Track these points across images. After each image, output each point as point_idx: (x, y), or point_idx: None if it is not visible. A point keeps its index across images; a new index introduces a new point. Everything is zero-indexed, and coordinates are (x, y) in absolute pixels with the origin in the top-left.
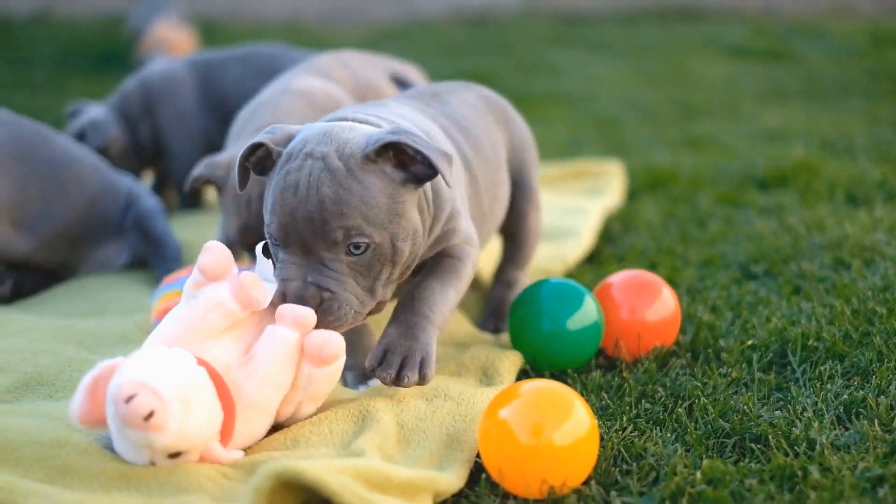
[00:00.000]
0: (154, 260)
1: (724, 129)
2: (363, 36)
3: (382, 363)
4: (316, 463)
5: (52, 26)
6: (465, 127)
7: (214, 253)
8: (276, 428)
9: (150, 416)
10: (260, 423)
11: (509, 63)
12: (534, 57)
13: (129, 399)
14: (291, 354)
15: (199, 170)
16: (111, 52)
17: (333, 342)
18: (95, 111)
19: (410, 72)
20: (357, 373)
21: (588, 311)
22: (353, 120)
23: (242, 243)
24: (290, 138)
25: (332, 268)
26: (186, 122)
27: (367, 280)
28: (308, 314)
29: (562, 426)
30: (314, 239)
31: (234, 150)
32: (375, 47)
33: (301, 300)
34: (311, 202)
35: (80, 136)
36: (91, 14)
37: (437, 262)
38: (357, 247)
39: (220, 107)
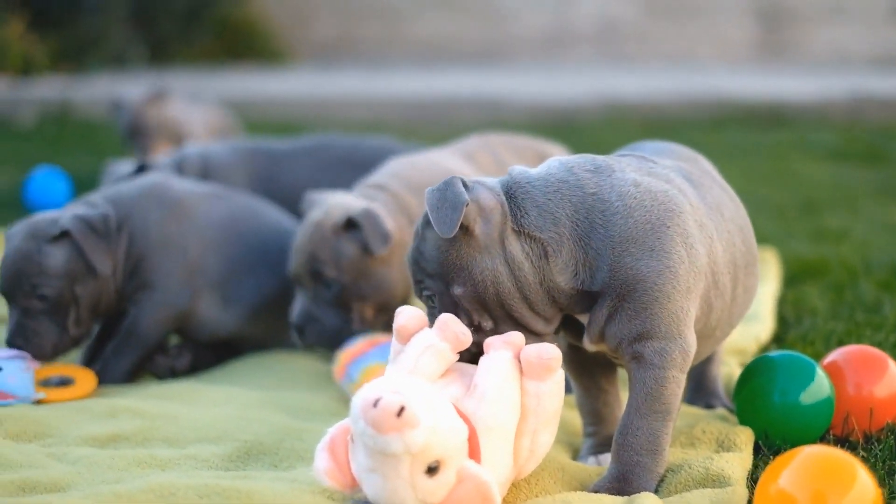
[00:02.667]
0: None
1: (852, 223)
2: (445, 140)
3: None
4: None
5: None
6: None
7: (408, 314)
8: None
9: (401, 411)
10: (504, 453)
11: None
12: None
13: (375, 403)
14: (513, 371)
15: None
16: None
17: (550, 349)
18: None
19: (556, 151)
20: (595, 442)
21: (821, 385)
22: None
23: None
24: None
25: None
26: None
27: None
28: (517, 335)
29: (846, 495)
30: None
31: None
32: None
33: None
34: None
35: None
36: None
37: (633, 381)
38: None
39: (283, 201)
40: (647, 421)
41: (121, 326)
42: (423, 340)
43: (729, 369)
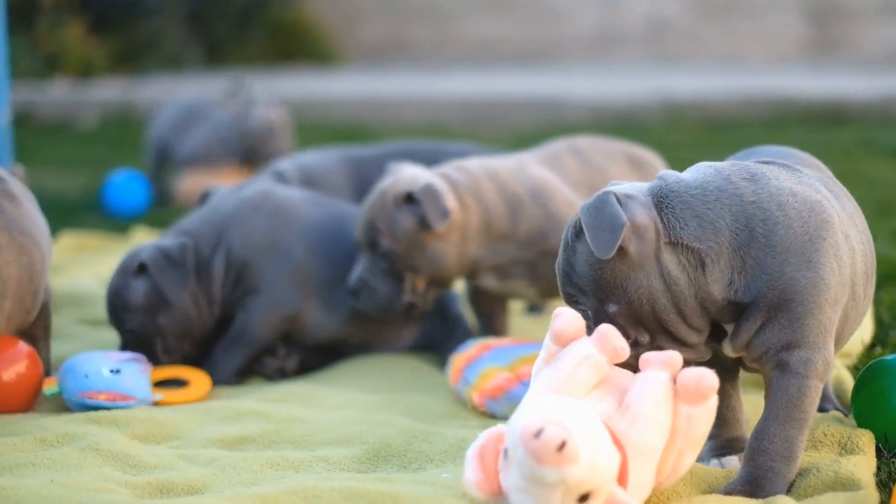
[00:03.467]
0: (445, 339)
1: None
2: (505, 140)
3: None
4: None
5: None
6: None
7: (566, 318)
8: None
9: (562, 446)
10: (648, 473)
11: (669, 166)
12: (692, 160)
13: (538, 434)
14: (668, 395)
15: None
16: None
17: (709, 376)
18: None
19: (648, 156)
20: (717, 443)
21: None
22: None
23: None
24: None
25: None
26: None
27: None
28: (675, 355)
29: None
30: None
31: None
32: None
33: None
34: None
35: None
36: None
37: (774, 389)
38: None
39: None
40: (785, 428)
41: (230, 329)
42: (580, 351)
43: (837, 372)
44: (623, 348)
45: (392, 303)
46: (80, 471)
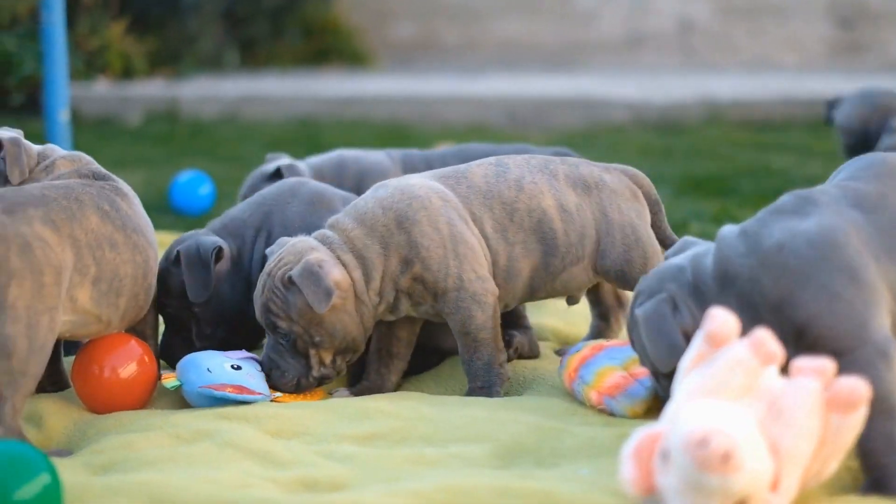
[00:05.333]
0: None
1: None
2: (546, 140)
3: None
4: None
5: (237, 127)
6: None
7: (721, 319)
8: None
9: (728, 456)
10: (795, 479)
11: (715, 166)
12: (736, 160)
13: (704, 442)
14: (819, 402)
15: None
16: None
17: (861, 385)
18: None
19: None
20: None
21: None
22: None
23: None
24: None
25: None
26: None
27: None
28: (829, 364)
29: None
30: None
31: None
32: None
33: None
34: None
35: None
36: (272, 116)
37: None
38: None
39: None
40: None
41: None
42: (735, 355)
43: None
44: (777, 354)
45: (301, 380)
46: (221, 467)
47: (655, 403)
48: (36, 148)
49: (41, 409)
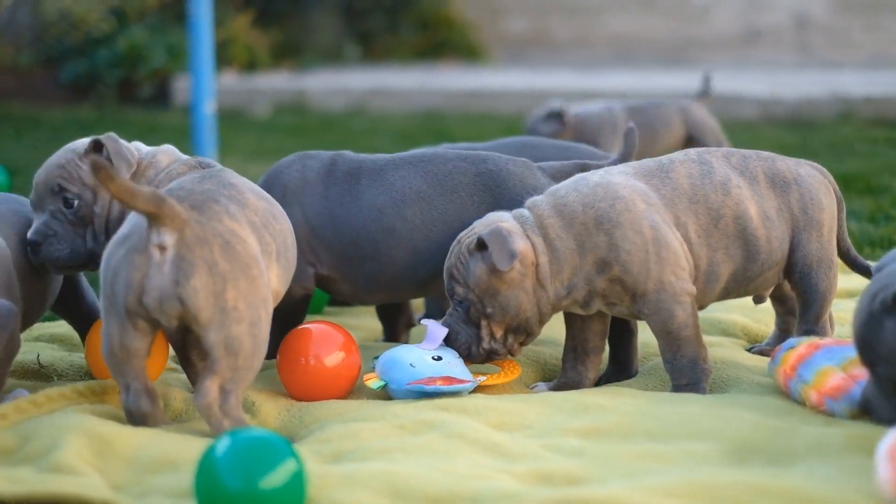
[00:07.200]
0: None
1: None
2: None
3: None
4: None
5: (365, 119)
6: None
7: None
8: None
9: None
10: None
11: (857, 163)
12: (878, 157)
13: None
14: None
15: None
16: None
17: None
18: None
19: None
20: None
21: None
22: None
23: None
24: None
25: None
26: None
27: None
28: None
29: None
30: None
31: None
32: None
33: None
34: None
35: None
36: (397, 109)
37: None
38: None
39: None
40: None
41: None
42: None
43: None
44: None
45: (471, 349)
46: (454, 458)
47: None
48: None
49: (252, 396)
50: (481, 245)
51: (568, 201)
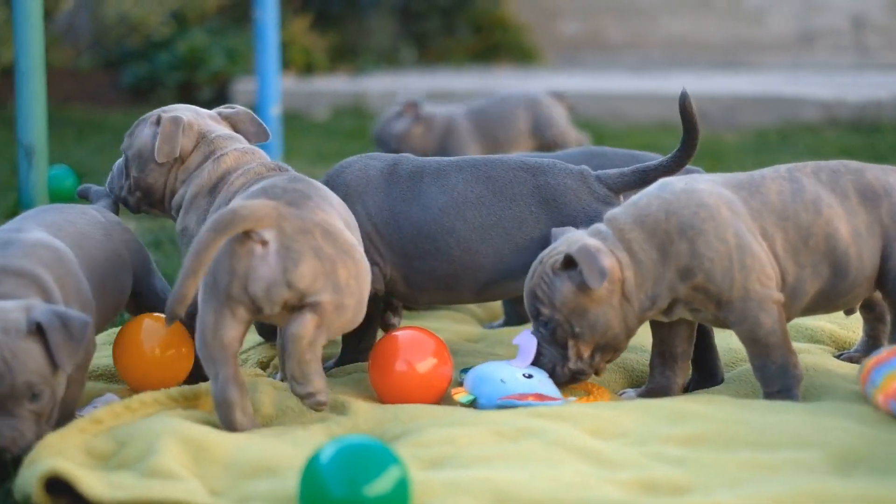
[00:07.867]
0: None
1: None
2: (740, 139)
3: None
4: None
5: None
6: None
7: None
8: None
9: None
10: None
11: None
12: None
13: None
14: None
15: None
16: None
17: None
18: None
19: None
20: None
21: None
22: None
23: None
24: None
25: None
26: None
27: None
28: None
29: None
30: None
31: None
32: (758, 150)
33: None
34: None
35: None
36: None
37: None
38: None
39: None
40: None
41: None
42: None
43: None
44: None
45: (556, 369)
46: (556, 466)
47: None
48: (217, 132)
49: (342, 398)
50: (568, 263)
51: (651, 210)
